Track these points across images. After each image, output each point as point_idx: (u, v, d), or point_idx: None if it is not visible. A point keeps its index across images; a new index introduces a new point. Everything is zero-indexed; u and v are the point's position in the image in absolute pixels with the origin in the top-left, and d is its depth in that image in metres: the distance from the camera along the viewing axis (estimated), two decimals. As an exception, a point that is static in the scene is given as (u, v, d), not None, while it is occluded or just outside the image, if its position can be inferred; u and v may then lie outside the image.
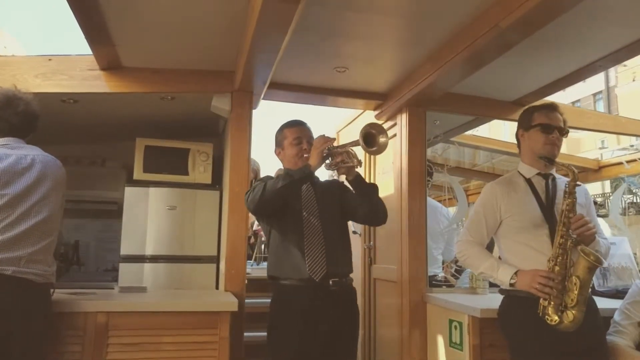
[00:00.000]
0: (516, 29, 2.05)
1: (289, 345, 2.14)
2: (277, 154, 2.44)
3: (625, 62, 2.91)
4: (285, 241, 2.26)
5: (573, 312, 1.88)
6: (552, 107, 2.18)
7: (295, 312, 2.16)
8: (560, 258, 1.93)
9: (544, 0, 1.82)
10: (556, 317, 1.89)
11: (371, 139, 2.13)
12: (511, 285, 2.02)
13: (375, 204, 2.31)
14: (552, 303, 1.91)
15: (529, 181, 2.15)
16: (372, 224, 2.46)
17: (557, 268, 1.92)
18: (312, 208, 2.30)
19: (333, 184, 2.51)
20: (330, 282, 2.19)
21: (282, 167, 2.47)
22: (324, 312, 2.16)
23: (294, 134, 2.37)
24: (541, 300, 1.93)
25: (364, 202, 2.30)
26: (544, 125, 2.12)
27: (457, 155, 4.77)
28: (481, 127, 3.89)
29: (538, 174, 2.15)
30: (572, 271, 1.91)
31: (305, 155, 2.31)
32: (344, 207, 2.38)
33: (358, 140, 2.10)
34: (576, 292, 1.88)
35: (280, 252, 2.27)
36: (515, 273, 2.01)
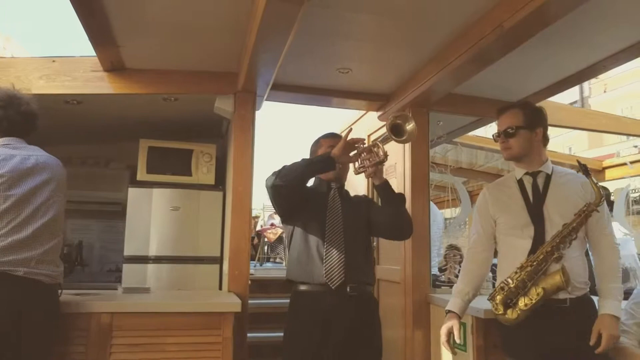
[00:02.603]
0: (519, 30, 2.05)
1: (303, 351, 2.12)
2: None
3: (598, 75, 2.89)
4: (306, 245, 2.22)
5: (518, 312, 1.94)
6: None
7: (311, 318, 2.13)
8: (536, 263, 1.94)
9: (548, 0, 1.82)
10: (502, 309, 1.97)
11: (399, 129, 2.08)
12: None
13: (401, 214, 2.25)
14: (504, 295, 1.96)
15: (520, 182, 2.14)
16: (397, 237, 2.41)
17: (529, 269, 1.94)
18: (337, 217, 2.26)
19: (361, 199, 2.46)
20: (348, 289, 2.15)
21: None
22: (340, 319, 2.12)
23: (328, 143, 2.32)
24: (497, 287, 2.01)
25: (389, 213, 2.24)
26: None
27: (470, 156, 4.76)
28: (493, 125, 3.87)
29: (526, 173, 2.13)
30: (541, 280, 1.93)
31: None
32: (370, 221, 2.32)
33: (386, 134, 2.07)
34: (534, 300, 1.92)
35: (299, 255, 2.24)
36: (449, 312, 2.14)
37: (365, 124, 3.92)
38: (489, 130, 4.43)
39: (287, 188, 2.12)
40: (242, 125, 2.82)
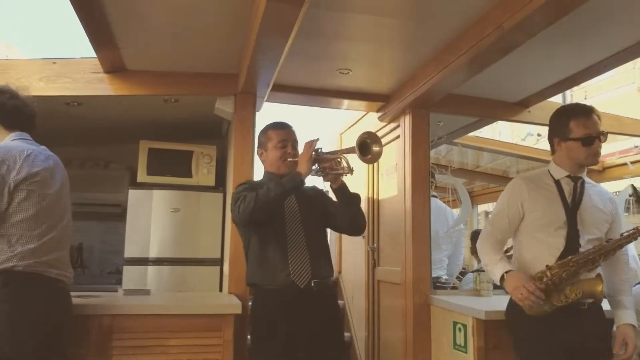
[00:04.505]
0: (520, 30, 2.04)
1: (275, 350, 2.11)
2: (259, 154, 2.41)
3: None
4: (268, 248, 2.21)
5: (547, 307, 1.95)
6: (589, 112, 2.06)
7: (279, 317, 2.13)
8: (577, 266, 1.95)
9: (548, 1, 1.82)
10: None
11: (366, 147, 2.10)
12: (501, 283, 2.06)
13: (357, 215, 2.30)
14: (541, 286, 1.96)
15: (557, 182, 2.12)
16: (350, 234, 2.45)
17: (571, 269, 1.95)
18: (295, 214, 2.27)
19: (314, 191, 2.47)
20: (312, 284, 2.17)
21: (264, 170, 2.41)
22: (308, 314, 2.14)
23: (280, 137, 2.32)
24: (535, 276, 1.99)
25: (346, 212, 2.28)
26: (585, 139, 2.03)
27: (474, 157, 4.75)
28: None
29: (567, 176, 2.12)
30: (580, 283, 1.96)
31: (289, 160, 2.29)
32: (326, 216, 2.36)
33: (353, 147, 2.08)
34: (570, 300, 1.94)
35: (262, 259, 2.21)
36: (507, 272, 2.04)
37: (365, 125, 3.91)
38: (496, 127, 4.41)
39: (263, 215, 2.13)
40: (242, 126, 2.82)
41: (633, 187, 2.13)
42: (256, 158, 2.85)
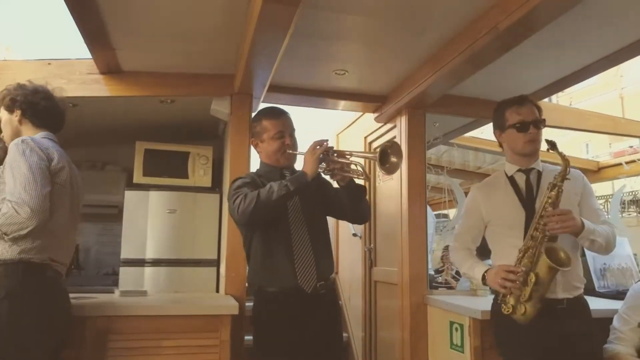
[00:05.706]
0: (515, 30, 2.05)
1: (280, 352, 2.06)
2: (254, 145, 2.26)
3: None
4: (272, 250, 2.12)
5: (525, 306, 1.88)
6: (522, 101, 2.09)
7: (284, 320, 2.08)
8: (530, 251, 1.90)
9: (543, 1, 1.83)
10: (511, 307, 1.91)
11: (385, 157, 1.99)
12: (483, 283, 2.05)
13: (363, 207, 2.25)
14: (512, 293, 1.92)
15: (511, 179, 2.10)
16: (354, 222, 2.42)
17: (525, 260, 1.90)
18: (298, 212, 2.17)
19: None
20: (318, 286, 2.12)
21: (260, 161, 2.30)
22: (311, 316, 2.10)
23: (276, 128, 2.18)
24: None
25: (354, 206, 2.20)
26: (518, 126, 2.05)
27: (475, 158, 4.76)
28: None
29: (519, 170, 2.09)
30: (534, 266, 1.89)
31: (288, 151, 2.19)
32: (327, 204, 2.26)
33: (373, 155, 1.99)
34: (529, 288, 1.86)
35: (266, 260, 2.13)
36: (487, 271, 2.03)
37: (362, 125, 3.92)
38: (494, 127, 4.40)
39: (265, 217, 2.04)
40: (238, 127, 2.82)
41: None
42: (253, 158, 2.85)
